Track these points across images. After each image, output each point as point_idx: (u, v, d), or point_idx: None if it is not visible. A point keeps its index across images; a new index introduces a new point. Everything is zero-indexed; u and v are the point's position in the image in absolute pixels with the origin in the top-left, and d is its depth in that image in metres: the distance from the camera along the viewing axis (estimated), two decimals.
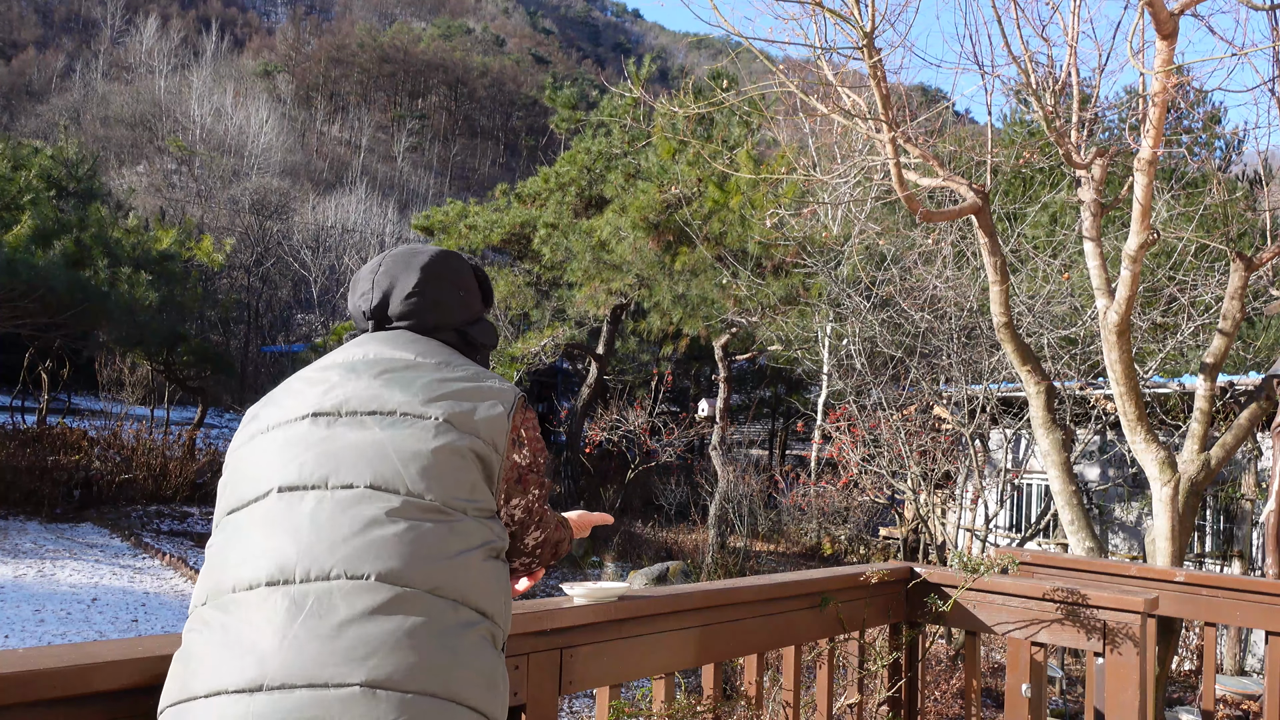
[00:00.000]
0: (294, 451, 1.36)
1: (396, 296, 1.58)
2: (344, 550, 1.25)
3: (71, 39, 58.92)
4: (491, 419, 1.42)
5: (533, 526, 1.53)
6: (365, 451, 1.35)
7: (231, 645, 1.19)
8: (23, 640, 7.39)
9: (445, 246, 17.50)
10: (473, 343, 1.64)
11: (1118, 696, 2.44)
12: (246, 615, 1.21)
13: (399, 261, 1.61)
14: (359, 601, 1.21)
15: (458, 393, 1.43)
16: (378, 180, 47.69)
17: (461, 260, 1.69)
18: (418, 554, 1.27)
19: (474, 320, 1.67)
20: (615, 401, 15.54)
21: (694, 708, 2.37)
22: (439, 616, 1.25)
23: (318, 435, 1.37)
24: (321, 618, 1.19)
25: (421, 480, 1.33)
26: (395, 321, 1.59)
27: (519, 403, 1.49)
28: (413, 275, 1.58)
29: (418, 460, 1.34)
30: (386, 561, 1.24)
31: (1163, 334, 8.48)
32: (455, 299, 1.63)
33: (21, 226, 12.92)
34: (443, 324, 1.60)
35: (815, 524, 13.53)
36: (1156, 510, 4.89)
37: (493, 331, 1.70)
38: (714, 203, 11.84)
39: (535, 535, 1.54)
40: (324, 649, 1.17)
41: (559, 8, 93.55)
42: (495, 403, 1.45)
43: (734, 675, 2.91)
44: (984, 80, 5.04)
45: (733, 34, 4.49)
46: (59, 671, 1.28)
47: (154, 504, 13.24)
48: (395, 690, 1.16)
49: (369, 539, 1.26)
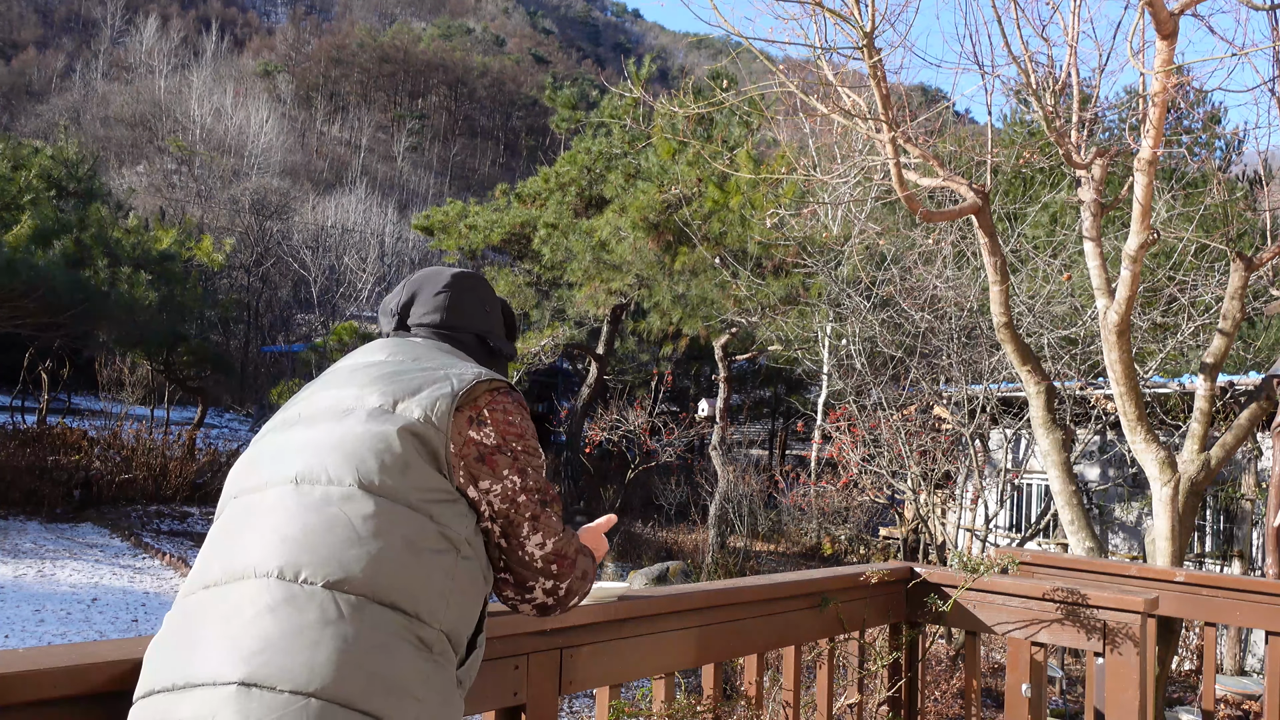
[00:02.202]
0: (254, 460, 1.42)
1: (425, 294, 1.67)
2: (257, 550, 1.26)
3: (71, 39, 58.93)
4: (438, 396, 1.40)
5: (526, 526, 1.44)
6: (304, 448, 1.36)
7: (177, 646, 1.23)
8: (23, 640, 7.39)
9: (445, 246, 17.58)
10: (491, 349, 1.70)
11: (1118, 696, 2.44)
12: (194, 616, 1.26)
13: (434, 271, 1.73)
14: (260, 599, 1.21)
15: (409, 380, 1.43)
16: (378, 180, 47.71)
17: (490, 287, 1.77)
18: (321, 546, 1.24)
19: (496, 335, 1.73)
20: (615, 401, 15.53)
21: (694, 708, 2.37)
22: (333, 613, 1.20)
23: (277, 442, 1.42)
24: (230, 620, 1.21)
25: (344, 466, 1.32)
26: (420, 320, 1.66)
27: (485, 385, 1.45)
28: (443, 279, 1.70)
29: (343, 447, 1.34)
30: (288, 556, 1.24)
31: (1163, 334, 8.48)
32: (479, 309, 1.70)
33: (21, 226, 12.91)
34: (464, 325, 1.66)
35: (815, 524, 13.53)
36: (1156, 510, 4.89)
37: (511, 349, 1.76)
38: (714, 203, 11.84)
39: (537, 541, 1.45)
40: (227, 647, 1.18)
41: (559, 8, 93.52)
42: (445, 382, 1.43)
43: (734, 675, 2.91)
44: (984, 80, 5.04)
45: (733, 34, 4.48)
46: (59, 671, 1.28)
47: (154, 504, 13.24)
48: (268, 689, 1.14)
49: (280, 534, 1.27)
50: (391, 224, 38.99)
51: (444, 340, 1.63)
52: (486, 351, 1.68)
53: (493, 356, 1.69)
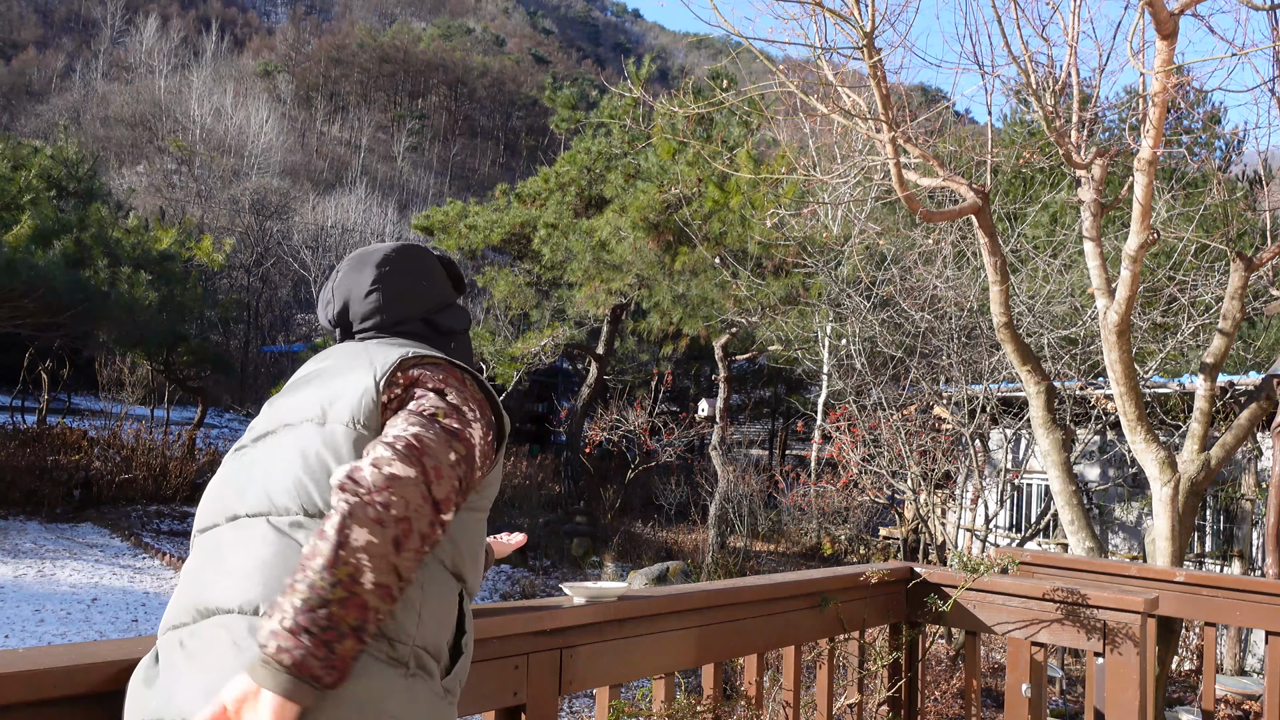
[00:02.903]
0: (212, 491, 1.41)
1: (356, 298, 1.59)
2: (220, 587, 1.25)
3: (71, 39, 58.92)
4: (362, 393, 1.35)
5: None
6: (252, 478, 1.35)
7: (149, 682, 1.25)
8: (23, 640, 7.39)
9: (445, 246, 17.59)
10: (441, 329, 1.63)
11: (1118, 696, 2.44)
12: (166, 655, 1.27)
13: (354, 264, 1.62)
14: (224, 635, 1.21)
15: (337, 386, 1.39)
16: (378, 180, 47.71)
17: (419, 250, 1.66)
18: (274, 579, 1.22)
19: (444, 307, 1.65)
20: (615, 401, 15.55)
21: (694, 708, 2.37)
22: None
23: (231, 469, 1.41)
24: (199, 657, 1.22)
25: (289, 494, 1.29)
26: (361, 323, 1.58)
27: (407, 362, 1.39)
28: (368, 274, 1.59)
29: (288, 471, 1.31)
30: (248, 591, 1.23)
31: (1163, 334, 8.48)
32: (416, 289, 1.61)
33: (21, 226, 12.91)
34: (408, 316, 1.59)
35: (815, 524, 13.53)
36: (1156, 510, 4.89)
37: (464, 315, 1.68)
38: (714, 203, 11.84)
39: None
40: (201, 683, 1.19)
41: (559, 8, 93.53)
42: (364, 375, 1.38)
43: (734, 675, 2.91)
44: (984, 80, 5.04)
45: (733, 34, 4.48)
46: (59, 671, 1.28)
47: (154, 504, 13.24)
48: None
49: (241, 570, 1.25)
50: (392, 224, 39.00)
51: (392, 336, 1.57)
52: (436, 333, 1.61)
53: (444, 335, 1.62)
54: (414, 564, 1.18)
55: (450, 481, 1.23)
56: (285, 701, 1.08)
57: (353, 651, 1.13)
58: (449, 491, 1.23)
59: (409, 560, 1.17)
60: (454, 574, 1.38)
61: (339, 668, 1.11)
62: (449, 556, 1.36)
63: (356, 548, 1.13)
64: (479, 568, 1.47)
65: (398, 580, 1.16)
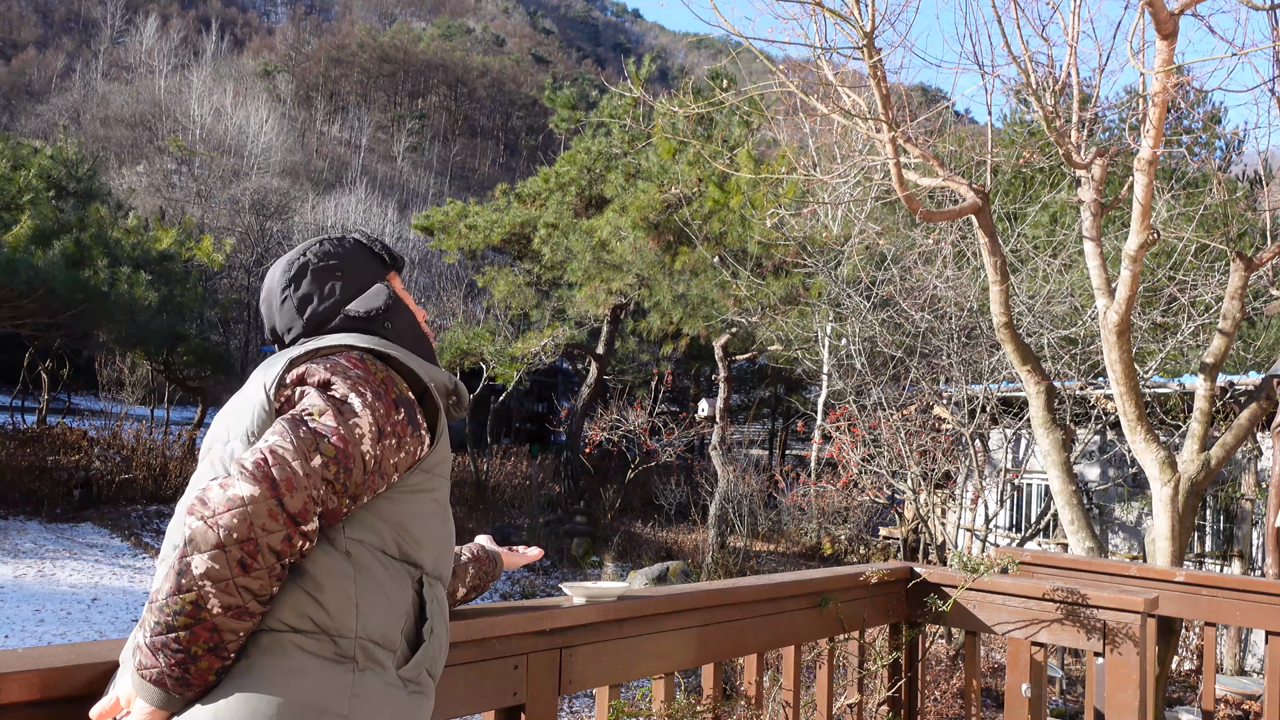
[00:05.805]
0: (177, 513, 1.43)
1: (274, 311, 1.57)
2: None
3: (71, 39, 58.93)
4: (254, 408, 1.35)
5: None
6: (186, 500, 1.33)
7: None
8: (23, 640, 7.39)
9: (445, 246, 17.58)
10: (369, 315, 1.56)
11: (1118, 696, 2.44)
12: None
13: (269, 277, 1.60)
14: None
15: (243, 399, 1.39)
16: (378, 180, 47.74)
17: (329, 244, 1.61)
18: None
19: (361, 292, 1.59)
20: (615, 401, 15.56)
21: (694, 708, 2.37)
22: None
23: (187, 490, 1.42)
24: None
25: (179, 515, 1.28)
26: (287, 334, 1.57)
27: (293, 361, 1.38)
28: (279, 285, 1.57)
29: (185, 499, 1.31)
30: None
31: (1163, 334, 8.48)
32: (329, 287, 1.56)
33: (21, 226, 12.91)
34: (326, 316, 1.55)
35: (815, 524, 13.53)
36: (1156, 510, 4.89)
37: (381, 293, 1.59)
38: (714, 203, 11.84)
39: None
40: None
41: (559, 8, 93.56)
42: (257, 386, 1.37)
43: (734, 675, 2.91)
44: (984, 80, 5.04)
45: (733, 34, 4.49)
46: (59, 671, 1.28)
47: (154, 504, 13.23)
48: None
49: None
50: (391, 224, 39.02)
51: (321, 336, 1.54)
52: (367, 320, 1.56)
53: (373, 320, 1.56)
54: (270, 579, 1.20)
55: (309, 490, 1.22)
56: (152, 709, 1.19)
57: (212, 667, 1.18)
58: (306, 501, 1.21)
59: (260, 578, 1.18)
60: (403, 561, 1.37)
61: (196, 683, 1.18)
62: (392, 544, 1.36)
63: (197, 575, 1.15)
64: (439, 550, 1.45)
65: (253, 598, 1.19)
